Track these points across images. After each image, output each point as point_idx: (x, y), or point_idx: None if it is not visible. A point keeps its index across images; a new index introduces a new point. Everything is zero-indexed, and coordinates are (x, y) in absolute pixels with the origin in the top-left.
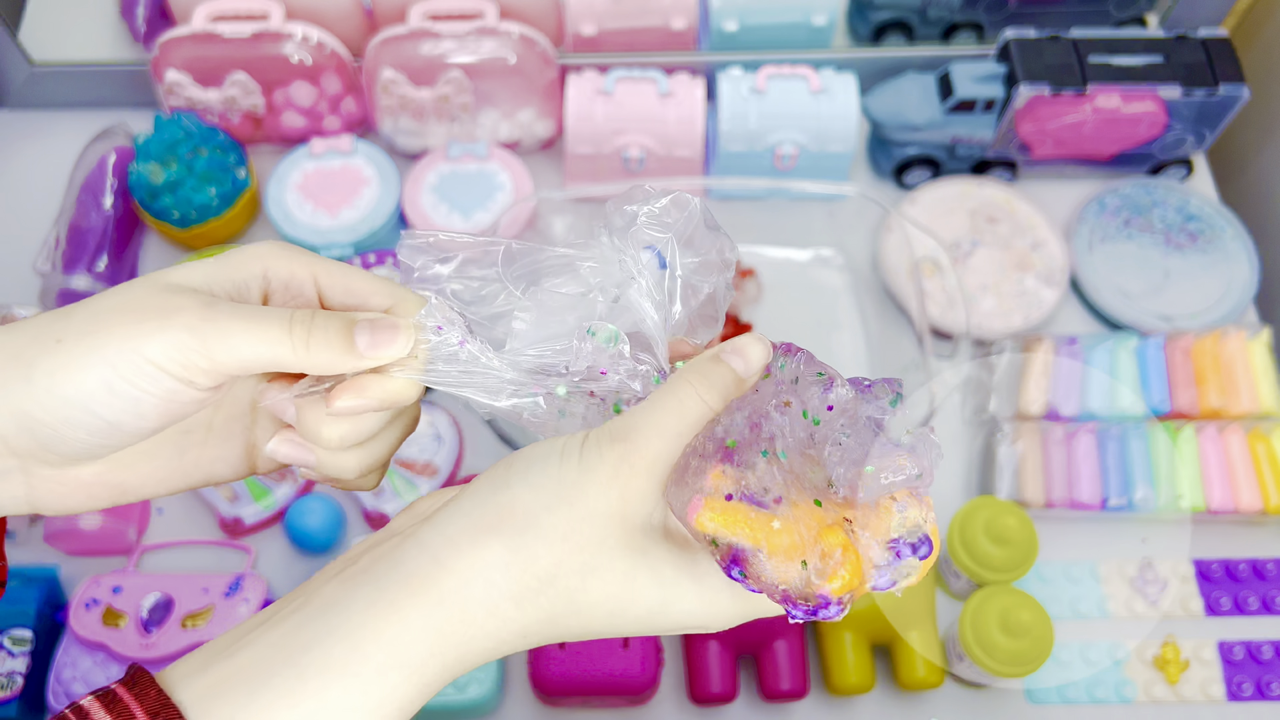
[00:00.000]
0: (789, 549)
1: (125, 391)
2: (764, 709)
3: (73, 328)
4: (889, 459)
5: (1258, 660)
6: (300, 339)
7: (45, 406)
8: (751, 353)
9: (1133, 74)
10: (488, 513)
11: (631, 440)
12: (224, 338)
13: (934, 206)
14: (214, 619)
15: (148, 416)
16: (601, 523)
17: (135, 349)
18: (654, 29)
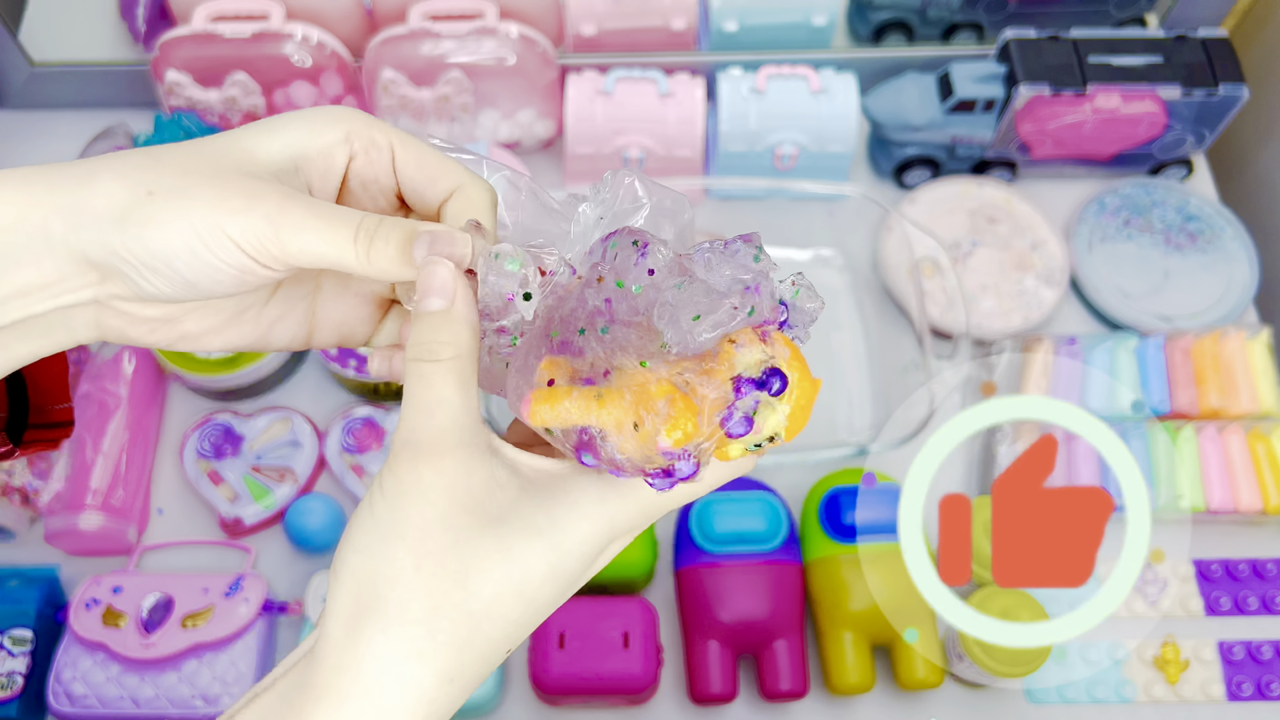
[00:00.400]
0: (620, 417)
1: (206, 258)
2: (764, 709)
3: (164, 183)
4: (718, 304)
5: (1257, 660)
6: (363, 248)
7: (132, 251)
8: (434, 281)
9: (1132, 74)
10: (343, 602)
11: (409, 444)
12: (297, 234)
13: (934, 206)
14: (214, 619)
15: (222, 283)
16: (439, 530)
17: (219, 224)
18: (654, 29)
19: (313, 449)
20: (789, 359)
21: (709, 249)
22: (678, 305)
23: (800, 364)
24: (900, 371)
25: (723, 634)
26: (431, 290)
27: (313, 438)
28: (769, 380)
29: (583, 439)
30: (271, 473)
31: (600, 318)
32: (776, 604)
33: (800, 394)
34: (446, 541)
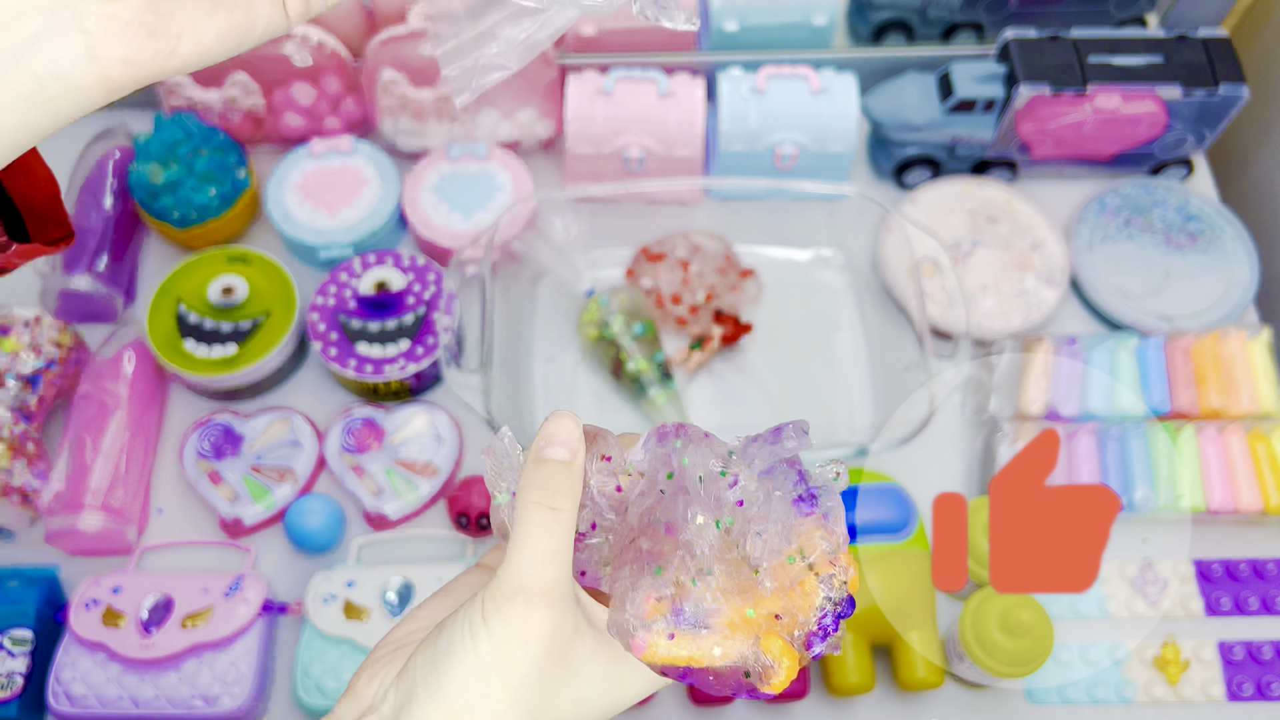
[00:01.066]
0: (731, 664)
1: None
2: (764, 709)
3: None
4: (804, 535)
5: (1258, 660)
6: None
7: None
8: (560, 432)
9: (1133, 74)
10: (437, 717)
11: (523, 590)
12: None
13: (934, 206)
14: (214, 619)
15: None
16: (534, 679)
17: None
18: (654, 29)
19: (313, 449)
20: (854, 575)
21: (768, 456)
22: (771, 540)
23: (855, 577)
24: (900, 371)
25: None
26: (557, 439)
27: (313, 438)
28: (845, 611)
29: (686, 673)
30: (271, 473)
31: (697, 547)
32: None
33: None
34: (536, 689)
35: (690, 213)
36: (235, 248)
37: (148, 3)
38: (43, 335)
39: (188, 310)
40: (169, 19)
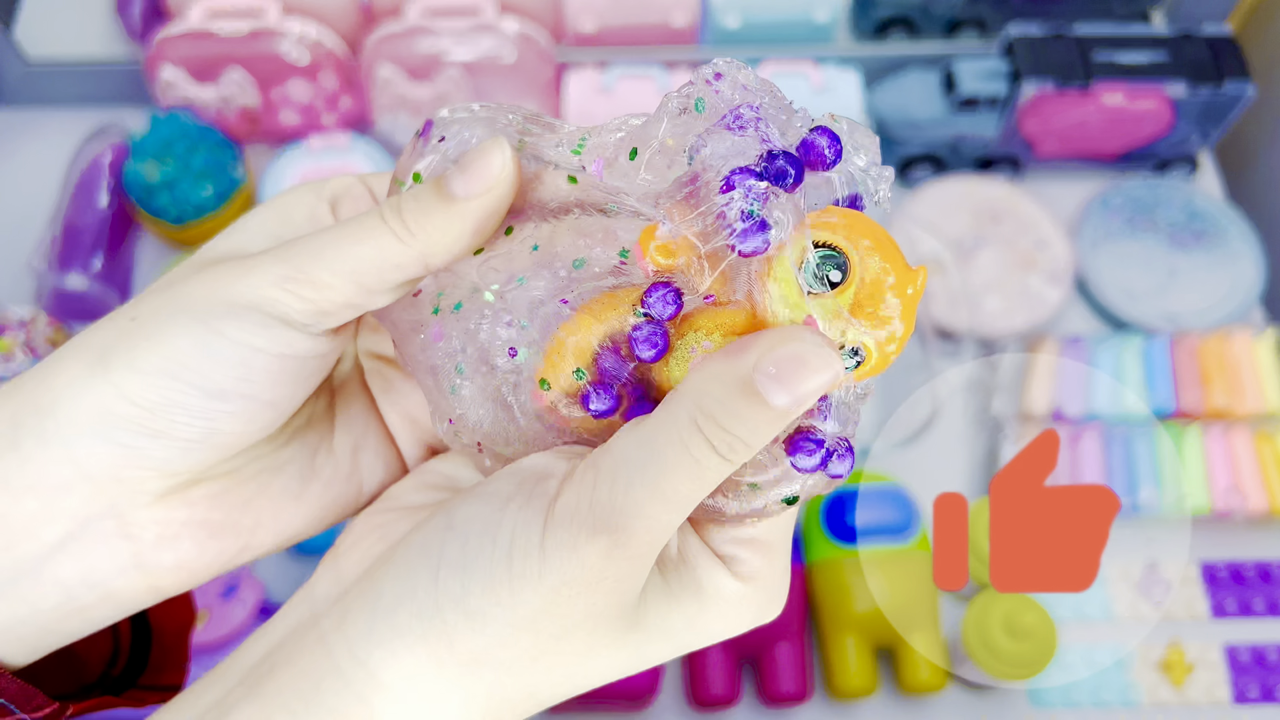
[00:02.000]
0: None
1: (225, 351)
2: (766, 713)
3: (146, 303)
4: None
5: (1264, 663)
6: (395, 222)
7: (130, 393)
8: (806, 380)
9: (1137, 71)
10: (419, 649)
11: (619, 531)
12: (317, 257)
13: (937, 204)
14: (210, 621)
15: (259, 381)
16: (586, 631)
17: (225, 298)
18: (654, 25)
19: None
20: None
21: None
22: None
23: (858, 225)
24: (903, 371)
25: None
26: (789, 380)
27: None
28: (780, 165)
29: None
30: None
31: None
32: None
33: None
34: (583, 646)
35: None
36: None
37: (214, 497)
38: (37, 335)
39: None
40: (243, 510)
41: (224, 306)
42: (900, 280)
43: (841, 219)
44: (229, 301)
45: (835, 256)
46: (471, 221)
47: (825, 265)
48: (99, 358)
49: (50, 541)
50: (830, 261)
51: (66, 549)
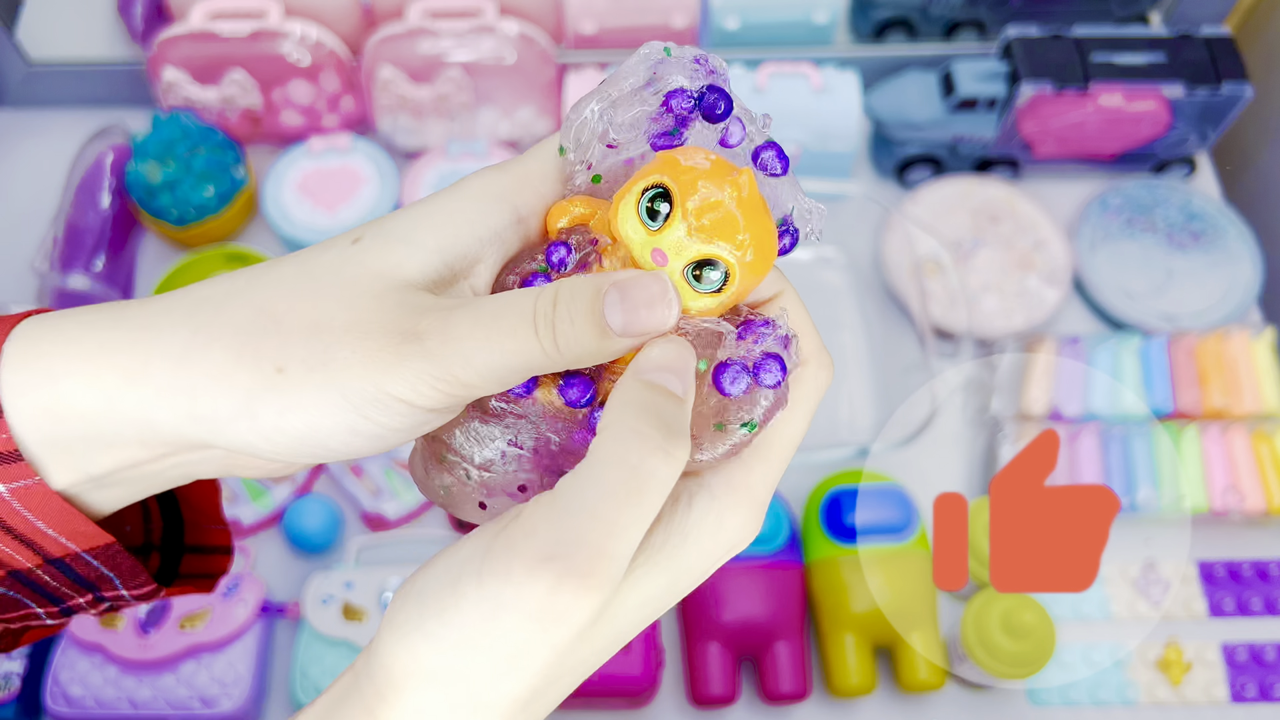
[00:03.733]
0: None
1: (369, 430)
2: (765, 711)
3: (294, 353)
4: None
5: (1261, 662)
6: (547, 338)
7: (273, 442)
8: (672, 358)
9: (1135, 72)
10: (415, 668)
11: (561, 559)
12: (468, 361)
13: (936, 205)
14: (212, 620)
15: (387, 441)
16: (552, 665)
17: (377, 385)
18: (654, 26)
19: None
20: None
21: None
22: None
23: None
24: (902, 371)
25: (723, 636)
26: (669, 366)
27: None
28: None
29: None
30: None
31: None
32: (777, 606)
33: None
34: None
35: None
36: (233, 247)
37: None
38: None
39: None
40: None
41: (374, 393)
42: (731, 192)
43: (705, 159)
44: (379, 389)
45: (661, 190)
46: (618, 350)
47: (656, 202)
48: (246, 399)
49: (171, 472)
50: (659, 198)
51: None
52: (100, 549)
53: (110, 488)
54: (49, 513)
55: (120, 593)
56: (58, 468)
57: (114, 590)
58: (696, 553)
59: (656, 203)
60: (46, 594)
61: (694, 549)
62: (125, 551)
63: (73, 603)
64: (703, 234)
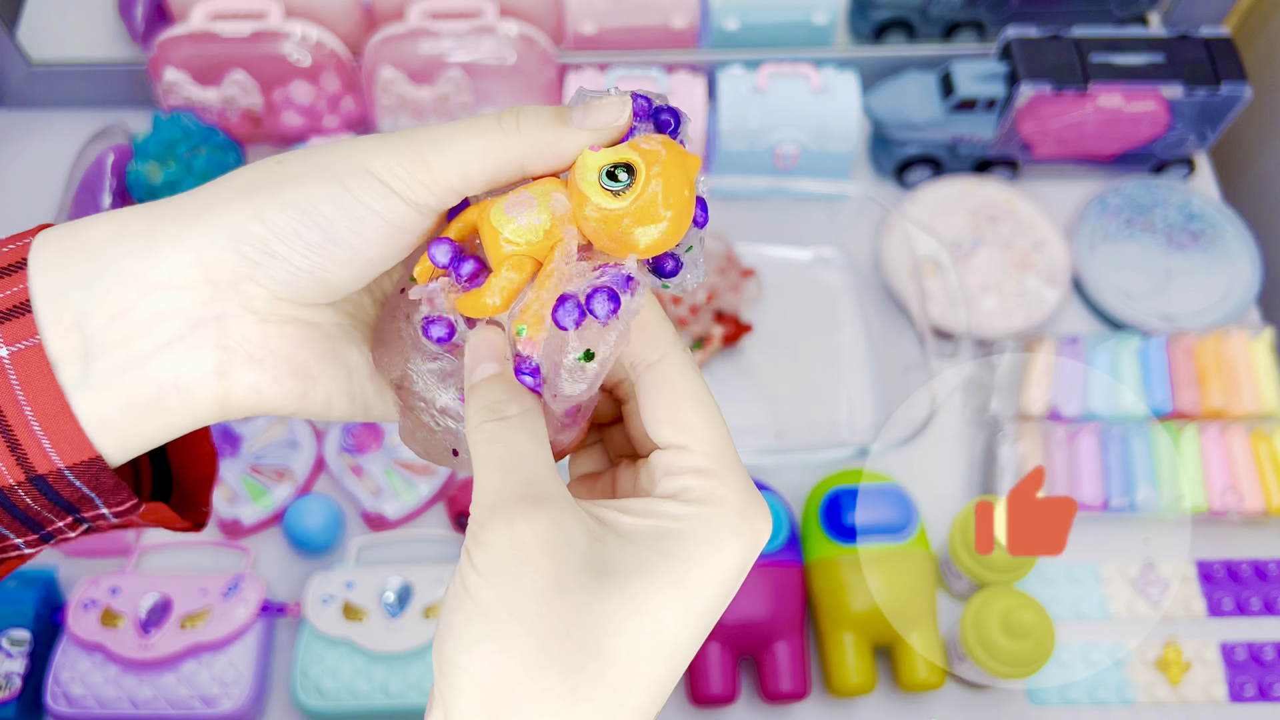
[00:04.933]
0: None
1: (350, 206)
2: (765, 710)
3: (293, 156)
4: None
5: (1260, 661)
6: (510, 124)
7: (266, 216)
8: (484, 348)
9: (1135, 73)
10: (466, 709)
11: (496, 506)
12: (439, 146)
13: (935, 206)
14: (212, 620)
15: (367, 238)
16: (557, 597)
17: (360, 163)
18: (654, 27)
19: (311, 449)
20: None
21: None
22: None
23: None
24: (901, 371)
25: (723, 635)
26: (483, 356)
27: (311, 438)
28: (665, 117)
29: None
30: (270, 473)
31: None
32: (777, 605)
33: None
34: (567, 610)
35: None
36: None
37: (299, 338)
38: None
39: None
40: (315, 361)
41: (358, 170)
42: (669, 151)
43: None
44: (362, 168)
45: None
46: (573, 145)
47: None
48: (246, 188)
49: (161, 339)
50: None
51: (171, 348)
52: (85, 465)
53: (98, 389)
54: (41, 396)
55: (100, 511)
56: (53, 328)
57: (94, 510)
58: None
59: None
60: (26, 519)
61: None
62: (109, 469)
63: (52, 527)
64: (636, 149)
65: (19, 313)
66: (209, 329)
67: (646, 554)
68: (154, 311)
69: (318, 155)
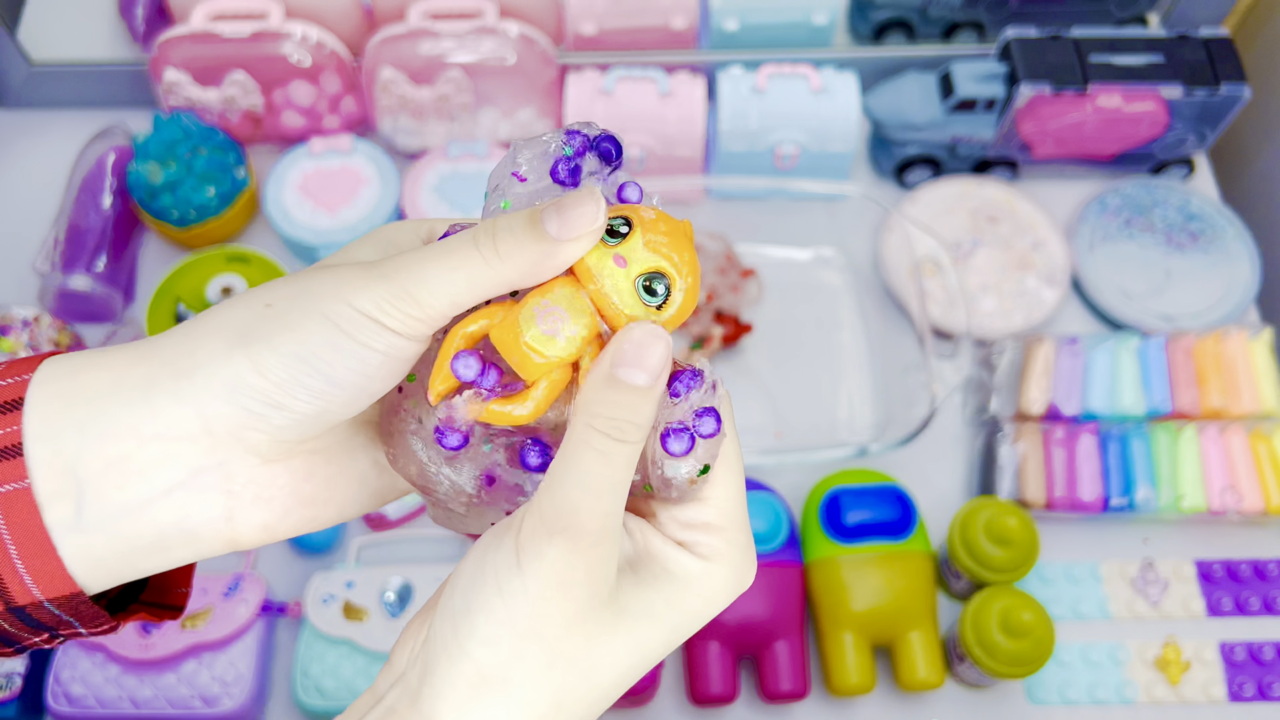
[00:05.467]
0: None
1: (349, 348)
2: (764, 710)
3: (278, 292)
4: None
5: (1259, 661)
6: (490, 251)
7: (265, 368)
8: (651, 356)
9: (1134, 73)
10: (458, 688)
11: (572, 528)
12: (422, 280)
13: (935, 206)
14: (213, 619)
15: (372, 375)
16: (579, 628)
17: (348, 303)
18: (654, 28)
19: None
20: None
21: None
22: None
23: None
24: (901, 371)
25: (723, 635)
26: (639, 362)
27: None
28: (605, 147)
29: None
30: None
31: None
32: (777, 605)
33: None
34: (582, 640)
35: (690, 212)
36: (234, 247)
37: (306, 470)
38: (41, 335)
39: (187, 310)
40: (325, 484)
41: (349, 311)
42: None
43: (658, 217)
44: (353, 309)
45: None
46: (560, 260)
47: (655, 282)
48: (239, 337)
49: (161, 486)
50: (656, 279)
51: (172, 495)
52: (65, 598)
53: (91, 531)
54: (26, 536)
55: (77, 630)
56: (44, 471)
57: (72, 630)
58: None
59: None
60: (2, 638)
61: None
62: (89, 601)
63: (27, 643)
64: (652, 249)
65: (10, 455)
66: (212, 475)
67: (654, 598)
68: (152, 459)
69: (303, 295)
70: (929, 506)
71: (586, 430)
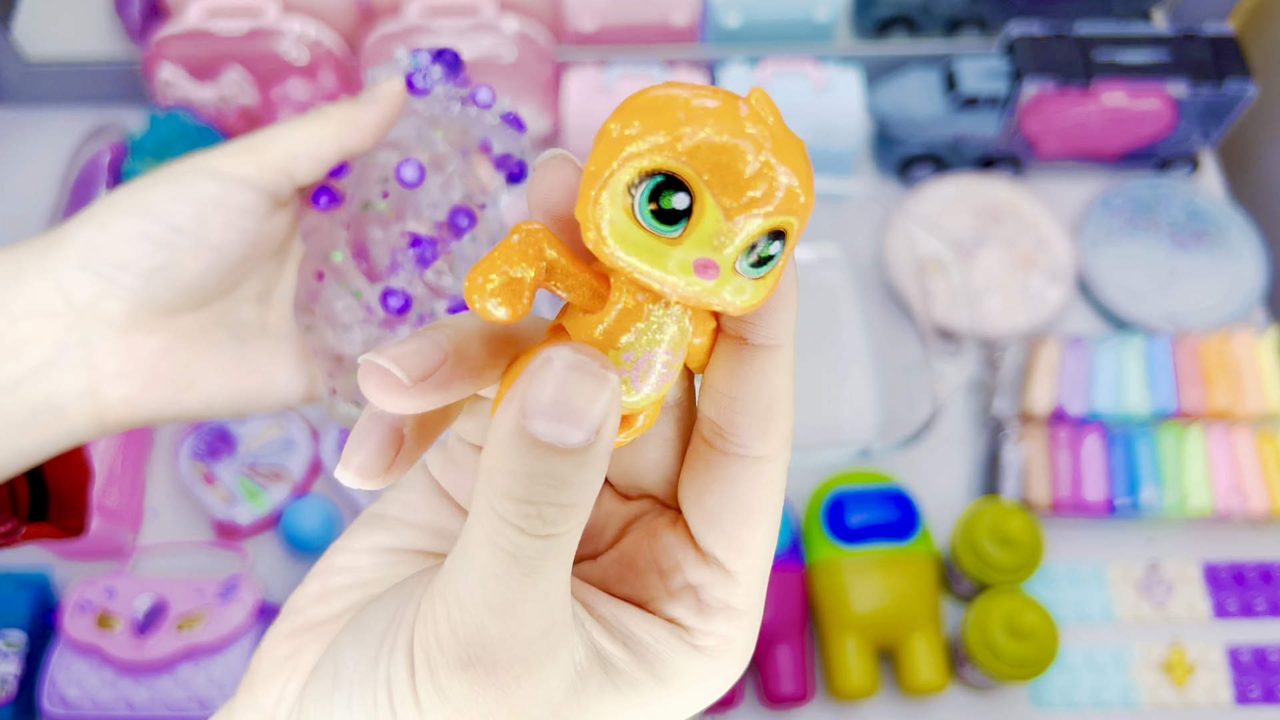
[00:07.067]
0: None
1: (185, 195)
2: (766, 714)
3: (143, 175)
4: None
5: (1265, 664)
6: (324, 111)
7: (108, 226)
8: (587, 398)
9: (1139, 70)
10: None
11: (485, 661)
12: (269, 136)
13: (938, 204)
14: (208, 622)
15: (207, 220)
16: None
17: (196, 162)
18: (654, 24)
19: (308, 450)
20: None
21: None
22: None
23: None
24: (904, 371)
25: None
26: (567, 410)
27: (308, 439)
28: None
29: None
30: (266, 474)
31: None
32: (779, 608)
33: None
34: None
35: None
36: None
37: (164, 348)
38: None
39: None
40: (182, 367)
41: (193, 167)
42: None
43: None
44: (197, 164)
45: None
46: (371, 115)
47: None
48: (94, 210)
49: (31, 363)
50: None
51: (41, 372)
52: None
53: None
54: None
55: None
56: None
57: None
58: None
59: (665, 197)
60: None
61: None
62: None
63: None
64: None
65: None
66: (76, 351)
67: (623, 708)
68: (21, 338)
69: (162, 168)
70: (932, 508)
71: (489, 517)
